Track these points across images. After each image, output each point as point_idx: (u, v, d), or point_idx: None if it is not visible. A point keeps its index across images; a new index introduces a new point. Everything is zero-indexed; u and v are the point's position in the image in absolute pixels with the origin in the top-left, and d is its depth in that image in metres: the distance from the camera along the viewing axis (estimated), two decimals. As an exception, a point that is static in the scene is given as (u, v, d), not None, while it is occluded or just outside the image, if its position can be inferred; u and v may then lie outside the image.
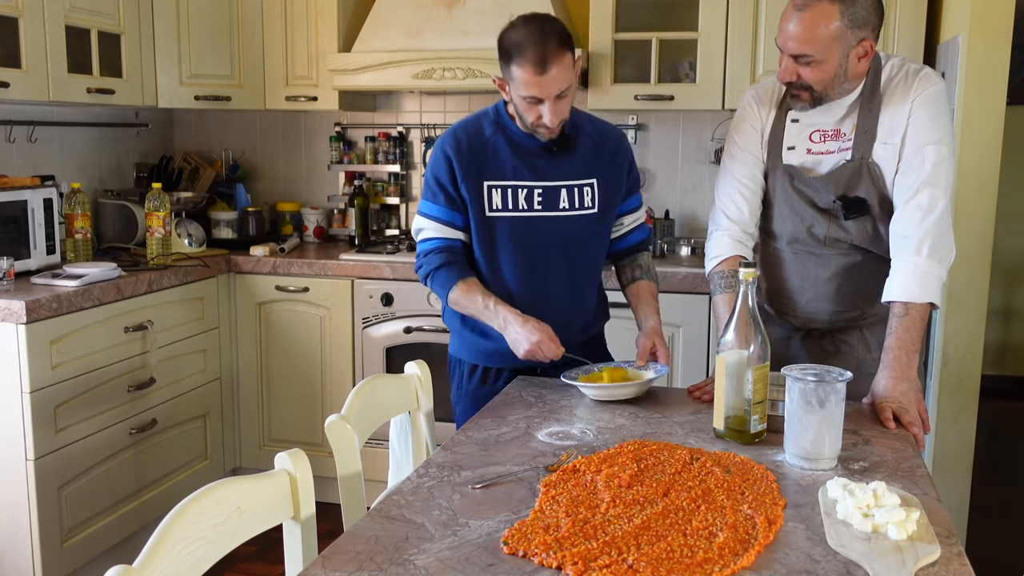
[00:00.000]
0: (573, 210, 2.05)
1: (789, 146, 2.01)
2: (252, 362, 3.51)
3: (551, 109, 1.92)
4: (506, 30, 1.94)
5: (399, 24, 3.43)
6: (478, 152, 2.03)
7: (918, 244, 1.85)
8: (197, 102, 3.57)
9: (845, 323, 2.08)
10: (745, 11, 3.17)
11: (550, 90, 1.89)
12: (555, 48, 1.87)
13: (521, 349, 1.93)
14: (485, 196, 2.02)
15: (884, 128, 1.92)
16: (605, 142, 2.11)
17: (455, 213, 2.05)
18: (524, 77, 1.88)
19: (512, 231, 2.04)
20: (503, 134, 2.04)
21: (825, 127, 1.98)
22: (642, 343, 2.03)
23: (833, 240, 2.00)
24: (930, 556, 1.19)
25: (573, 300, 2.11)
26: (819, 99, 1.91)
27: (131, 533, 3.00)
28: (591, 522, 1.28)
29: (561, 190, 2.04)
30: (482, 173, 2.02)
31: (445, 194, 2.04)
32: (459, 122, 2.11)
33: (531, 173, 2.03)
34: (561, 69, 1.88)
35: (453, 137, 2.05)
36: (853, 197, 1.95)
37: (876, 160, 1.93)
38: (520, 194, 2.03)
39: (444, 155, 2.04)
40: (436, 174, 2.05)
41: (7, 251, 2.77)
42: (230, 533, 1.29)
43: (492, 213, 2.03)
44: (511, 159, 2.03)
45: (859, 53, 1.86)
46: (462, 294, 2.02)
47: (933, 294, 1.84)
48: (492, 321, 1.99)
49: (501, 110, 2.07)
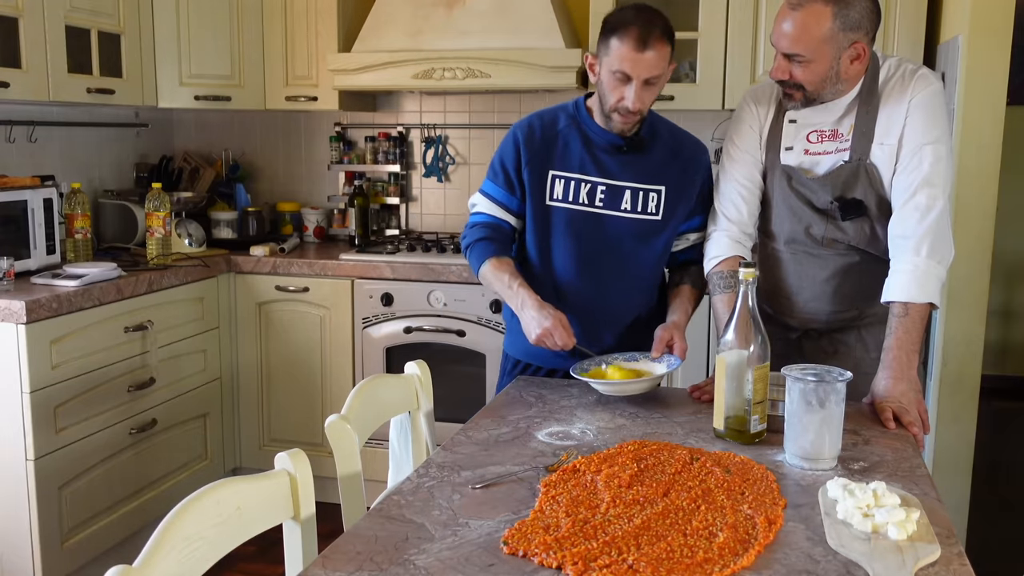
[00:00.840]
0: (635, 213, 2.06)
1: (787, 146, 2.01)
2: (252, 362, 3.52)
3: (637, 92, 1.92)
4: (616, 10, 1.99)
5: (399, 24, 3.43)
6: (548, 141, 2.06)
7: (917, 244, 1.85)
8: (197, 102, 3.57)
9: (843, 323, 2.08)
10: (745, 11, 3.17)
11: (642, 71, 1.90)
12: (659, 33, 1.90)
13: (532, 334, 1.93)
14: (548, 184, 2.05)
15: (881, 129, 1.92)
16: (682, 152, 2.11)
17: (511, 197, 2.08)
18: (622, 51, 1.90)
19: (569, 223, 2.05)
20: (577, 128, 2.07)
21: (823, 128, 1.98)
22: (660, 334, 2.00)
23: (831, 241, 2.00)
24: (930, 556, 1.19)
25: (620, 302, 2.10)
26: (811, 99, 1.92)
27: (131, 533, 3.00)
28: (591, 522, 1.28)
29: (626, 191, 2.05)
30: (548, 162, 2.05)
31: (505, 176, 2.07)
32: (537, 111, 2.14)
33: (598, 169, 2.04)
34: (658, 55, 1.90)
35: (528, 124, 2.09)
36: (851, 198, 1.95)
37: (874, 161, 1.93)
38: (583, 188, 2.04)
39: (514, 139, 2.08)
40: (502, 156, 2.09)
41: (7, 251, 2.77)
42: (230, 533, 1.29)
43: (551, 202, 2.05)
44: (580, 152, 2.05)
45: (851, 55, 1.86)
46: (492, 269, 2.04)
47: (933, 294, 1.84)
48: (512, 301, 2.01)
49: (581, 105, 2.09)
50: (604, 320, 2.09)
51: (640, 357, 2.01)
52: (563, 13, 3.46)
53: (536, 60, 3.22)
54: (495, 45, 3.29)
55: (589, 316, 2.06)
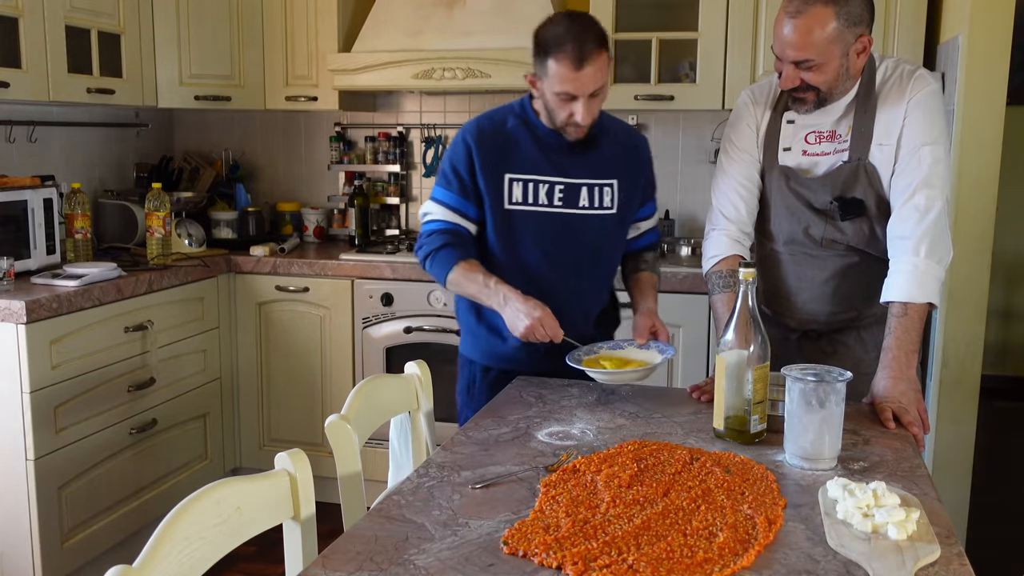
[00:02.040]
0: (593, 209, 2.06)
1: (785, 147, 2.01)
2: (252, 362, 3.51)
3: (584, 107, 1.92)
4: (544, 25, 1.94)
5: (399, 24, 3.43)
6: (500, 144, 2.03)
7: (916, 244, 1.85)
8: (197, 102, 3.57)
9: (842, 324, 2.08)
10: (745, 11, 3.17)
11: (586, 87, 1.89)
12: (594, 46, 1.88)
13: (521, 326, 1.90)
14: (505, 188, 2.02)
15: (880, 129, 1.92)
16: (628, 144, 2.13)
17: (467, 203, 2.04)
18: (561, 72, 1.88)
19: (531, 225, 2.04)
20: (527, 128, 2.05)
21: (821, 128, 1.98)
22: (641, 322, 2.03)
23: (830, 241, 2.00)
24: (930, 556, 1.19)
25: (587, 298, 2.11)
26: (824, 99, 1.91)
27: (131, 533, 3.00)
28: (591, 522, 1.28)
29: (582, 188, 2.05)
30: (503, 165, 2.02)
31: (460, 182, 2.04)
32: (484, 113, 2.11)
33: (553, 169, 2.03)
34: (597, 68, 1.89)
35: (476, 127, 2.05)
36: (850, 198, 1.95)
37: (872, 161, 1.93)
38: (541, 188, 2.03)
39: (465, 144, 2.04)
40: (454, 162, 2.05)
41: (7, 251, 2.77)
42: (230, 533, 1.29)
43: (511, 206, 2.03)
44: (534, 153, 2.03)
45: (858, 49, 1.86)
46: (462, 273, 1.99)
47: (932, 294, 1.84)
48: (491, 299, 1.97)
49: (527, 105, 2.07)
50: (575, 315, 2.05)
51: (626, 345, 2.02)
52: (563, 13, 3.46)
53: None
54: (495, 45, 3.28)
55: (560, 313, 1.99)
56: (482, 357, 2.14)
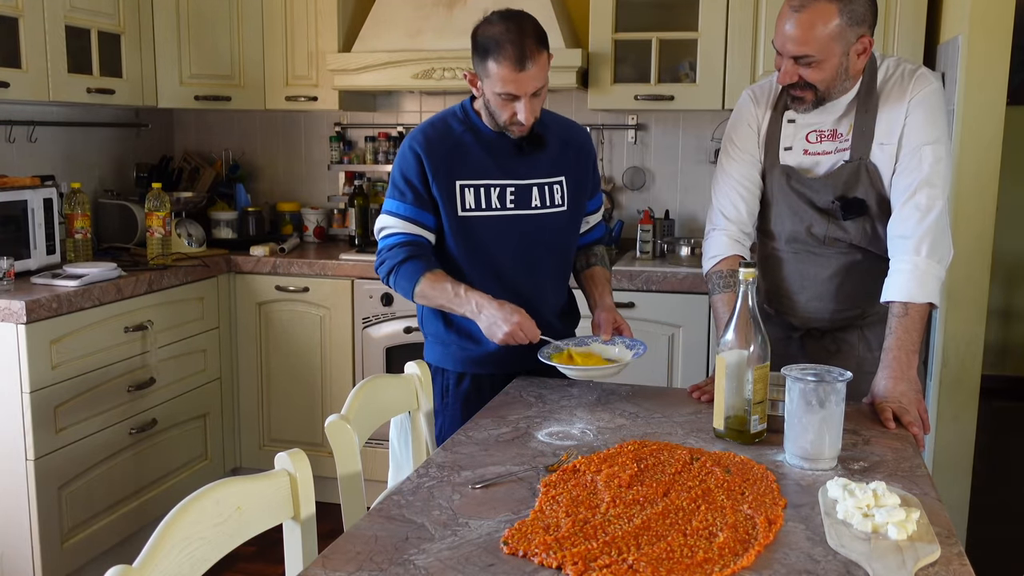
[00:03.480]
0: (545, 208, 2.05)
1: (786, 146, 2.01)
2: (252, 362, 3.51)
3: (526, 107, 1.91)
4: (481, 25, 1.92)
5: (399, 24, 3.43)
6: (449, 151, 2.00)
7: (917, 244, 1.85)
8: (197, 102, 3.57)
9: (845, 322, 2.08)
10: (745, 11, 3.17)
11: (527, 87, 1.89)
12: (533, 46, 1.87)
13: (500, 332, 1.88)
14: (458, 195, 2.00)
15: (881, 129, 1.92)
16: (571, 140, 2.12)
17: (424, 212, 2.01)
18: (502, 74, 1.87)
19: (486, 230, 2.02)
20: (472, 132, 2.03)
21: (822, 127, 1.98)
22: (603, 317, 2.03)
23: (832, 240, 2.01)
24: (930, 556, 1.19)
25: (551, 296, 2.12)
26: (822, 99, 1.91)
27: (131, 533, 3.00)
28: (591, 522, 1.28)
29: (533, 188, 2.04)
30: (453, 172, 2.00)
31: (414, 193, 2.00)
32: (425, 121, 2.08)
33: (503, 172, 2.02)
34: (538, 67, 1.88)
35: (422, 135, 2.02)
36: (852, 198, 1.95)
37: (874, 160, 1.93)
38: (493, 193, 2.01)
39: (414, 153, 2.00)
40: (404, 172, 2.01)
41: (7, 251, 2.77)
42: (230, 533, 1.29)
43: (465, 213, 2.00)
44: (482, 158, 2.01)
45: (858, 50, 1.85)
46: (429, 285, 1.96)
47: (932, 294, 1.84)
48: (463, 308, 1.94)
49: (468, 108, 2.05)
50: (542, 314, 2.03)
51: (590, 341, 2.02)
52: (563, 13, 3.46)
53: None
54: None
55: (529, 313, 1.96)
56: (455, 364, 2.09)
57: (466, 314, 1.94)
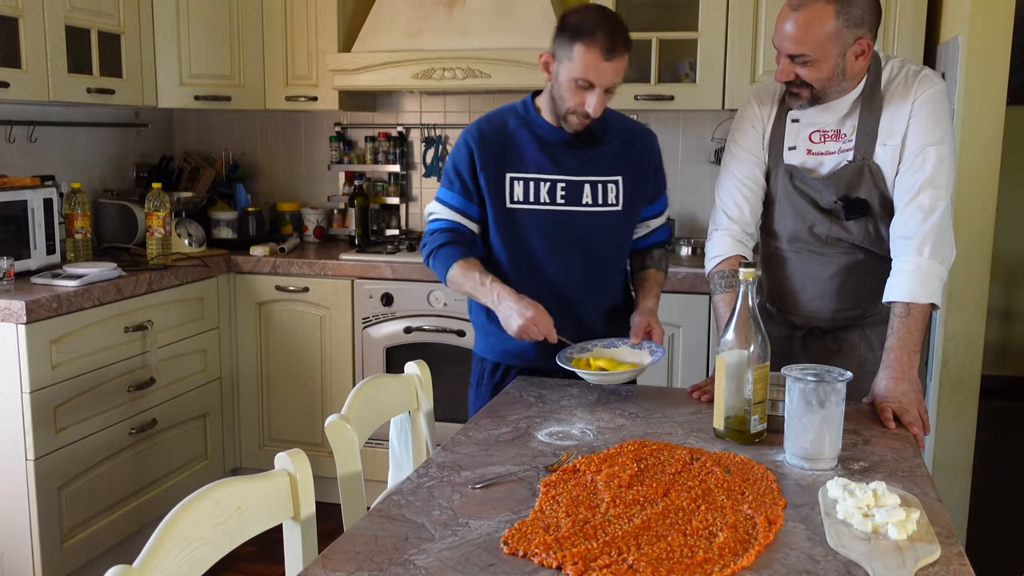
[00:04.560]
0: (596, 206, 2.06)
1: (790, 146, 2.01)
2: (252, 362, 3.51)
3: (598, 99, 1.93)
4: (576, 10, 1.95)
5: (399, 24, 3.43)
6: (501, 143, 2.05)
7: (920, 244, 1.85)
8: (197, 102, 3.57)
9: (847, 322, 2.08)
10: (745, 11, 3.17)
11: (607, 79, 1.91)
12: (622, 42, 1.90)
13: (514, 324, 1.92)
14: (507, 187, 2.04)
15: (884, 129, 1.92)
16: (634, 141, 2.12)
17: (469, 203, 2.07)
18: (587, 58, 1.89)
19: (533, 223, 2.05)
20: (527, 128, 2.06)
21: (825, 127, 1.98)
22: (637, 321, 2.02)
23: (835, 239, 2.01)
24: (930, 556, 1.19)
25: (595, 295, 2.11)
26: (818, 97, 1.92)
27: (131, 533, 3.00)
28: (591, 522, 1.28)
29: (585, 185, 2.05)
30: (503, 164, 2.04)
31: (461, 183, 2.06)
32: (485, 114, 2.13)
33: (555, 166, 2.04)
34: (621, 64, 1.91)
35: (477, 128, 2.08)
36: (855, 198, 1.95)
37: (877, 161, 1.93)
38: (543, 187, 2.04)
39: (466, 145, 2.07)
40: (456, 163, 2.08)
41: (7, 251, 2.77)
42: (230, 533, 1.29)
43: (513, 205, 2.05)
44: (535, 152, 2.04)
45: (856, 52, 1.86)
46: (461, 271, 2.02)
47: (935, 294, 1.84)
48: (486, 298, 1.99)
49: (529, 104, 2.08)
50: (581, 314, 2.08)
51: (620, 344, 2.02)
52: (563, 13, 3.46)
53: (536, 60, 3.21)
54: (495, 45, 3.28)
55: (566, 312, 2.03)
56: (492, 354, 2.15)
57: (488, 304, 2.00)
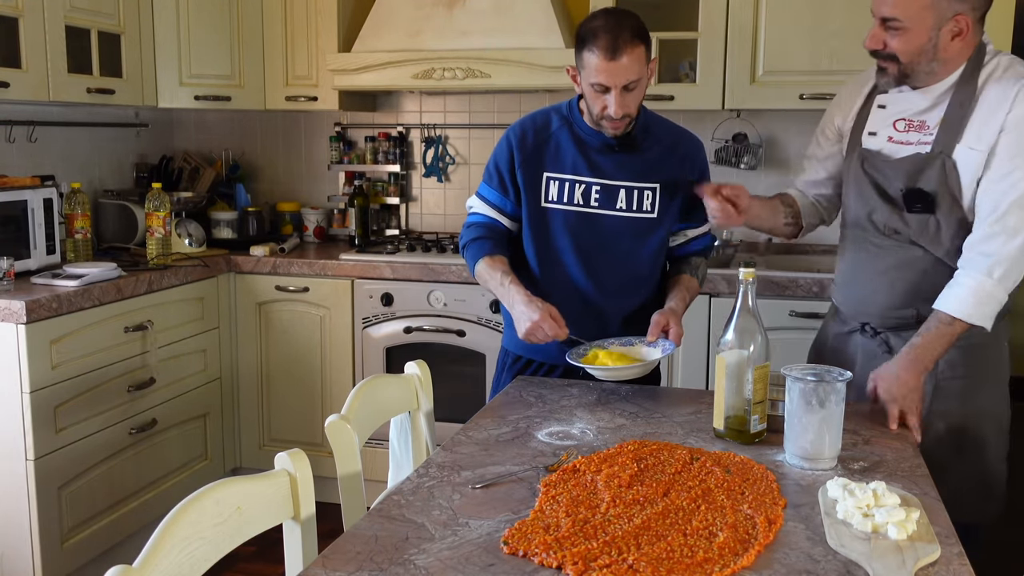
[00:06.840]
0: (631, 211, 2.06)
1: (871, 131, 1.96)
2: (252, 362, 3.51)
3: (617, 99, 1.92)
4: (585, 20, 1.98)
5: (399, 24, 3.43)
6: (541, 143, 2.08)
7: (993, 265, 1.77)
8: (197, 102, 3.57)
9: (899, 322, 1.97)
10: (745, 11, 3.17)
11: (618, 79, 1.90)
12: (628, 38, 1.89)
13: (522, 327, 1.94)
14: (543, 186, 2.06)
15: (973, 131, 1.81)
16: (677, 148, 2.12)
17: (505, 200, 2.10)
18: (594, 63, 1.91)
19: (565, 224, 2.06)
20: (568, 129, 2.08)
21: (910, 116, 1.90)
22: (656, 319, 2.00)
23: (891, 230, 1.93)
24: (930, 556, 1.19)
25: (621, 299, 2.11)
26: (904, 74, 1.83)
27: (131, 533, 3.00)
28: (591, 522, 1.28)
29: (620, 190, 2.06)
30: (542, 164, 2.07)
31: (500, 179, 2.10)
32: (532, 113, 2.15)
33: (591, 170, 2.05)
34: (632, 59, 1.90)
35: (520, 126, 2.12)
36: (918, 189, 1.86)
37: (956, 160, 1.83)
38: (578, 189, 2.05)
39: (507, 142, 2.11)
40: (497, 160, 2.12)
41: (7, 251, 2.77)
42: (230, 533, 1.29)
43: (547, 204, 2.07)
44: (573, 153, 2.06)
45: (952, 30, 1.77)
46: (486, 267, 2.06)
47: (987, 318, 1.78)
48: (504, 298, 2.03)
49: (573, 105, 2.10)
50: (607, 318, 2.09)
51: (636, 341, 2.03)
52: (563, 13, 3.46)
53: (536, 60, 3.23)
54: (495, 45, 3.29)
55: (590, 313, 2.06)
56: (515, 347, 2.18)
57: (504, 303, 2.04)
